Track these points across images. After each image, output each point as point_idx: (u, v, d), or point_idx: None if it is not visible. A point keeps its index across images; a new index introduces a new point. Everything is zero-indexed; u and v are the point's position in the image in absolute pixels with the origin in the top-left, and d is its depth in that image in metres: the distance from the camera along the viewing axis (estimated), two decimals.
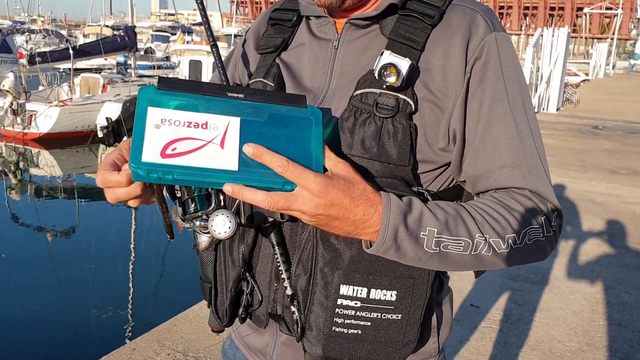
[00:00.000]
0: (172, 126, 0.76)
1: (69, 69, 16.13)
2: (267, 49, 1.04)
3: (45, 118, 13.60)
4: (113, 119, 0.99)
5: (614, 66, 40.38)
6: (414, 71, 0.87)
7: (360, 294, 0.87)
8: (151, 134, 0.75)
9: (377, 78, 0.85)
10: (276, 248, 0.90)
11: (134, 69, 18.33)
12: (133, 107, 0.79)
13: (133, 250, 7.71)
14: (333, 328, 0.88)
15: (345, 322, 0.88)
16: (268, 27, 1.07)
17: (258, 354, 1.04)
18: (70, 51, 15.90)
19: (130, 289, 6.43)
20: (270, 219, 0.88)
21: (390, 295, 0.87)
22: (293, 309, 0.90)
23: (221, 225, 0.79)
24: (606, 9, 60.16)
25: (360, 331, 0.88)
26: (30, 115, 13.73)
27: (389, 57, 0.85)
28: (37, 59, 15.07)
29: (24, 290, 6.28)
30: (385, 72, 0.85)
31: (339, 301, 0.87)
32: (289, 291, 0.90)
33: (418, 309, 0.89)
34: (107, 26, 25.33)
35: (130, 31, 17.85)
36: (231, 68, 1.13)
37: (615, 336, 3.24)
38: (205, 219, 0.84)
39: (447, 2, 0.92)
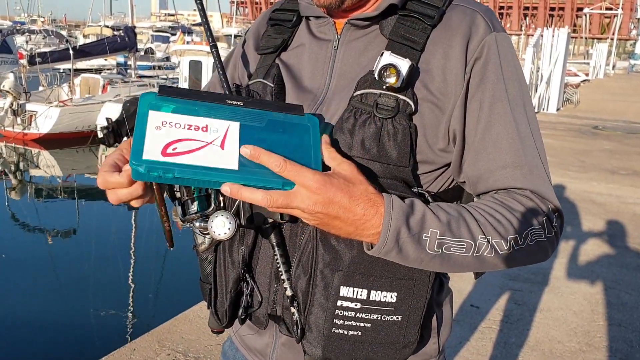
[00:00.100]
0: (173, 128, 0.76)
1: (69, 70, 16.12)
2: (267, 50, 1.04)
3: (46, 118, 13.60)
4: (113, 119, 0.99)
5: (614, 66, 40.39)
6: (413, 72, 0.87)
7: (361, 295, 0.87)
8: (152, 135, 0.75)
9: (377, 79, 0.85)
10: (276, 249, 0.90)
11: (134, 70, 18.33)
12: (133, 107, 0.79)
13: (133, 250, 7.71)
14: (333, 329, 0.88)
15: (345, 324, 0.88)
16: (268, 28, 1.07)
17: (258, 355, 1.04)
18: (71, 51, 15.89)
19: (131, 289, 6.42)
20: (270, 220, 0.88)
21: (391, 296, 0.87)
22: (293, 310, 0.90)
23: (221, 226, 0.79)
24: (606, 9, 60.14)
25: (360, 332, 0.88)
26: (31, 116, 13.72)
27: (388, 58, 0.85)
28: (37, 60, 15.06)
29: (25, 291, 6.27)
30: (385, 73, 0.84)
31: (339, 302, 0.87)
32: (288, 292, 0.90)
33: (418, 310, 0.89)
34: (107, 26, 25.35)
35: (130, 31, 17.85)
36: (231, 68, 1.13)
37: (616, 336, 3.24)
38: (205, 220, 0.84)
39: (447, 3, 0.92)
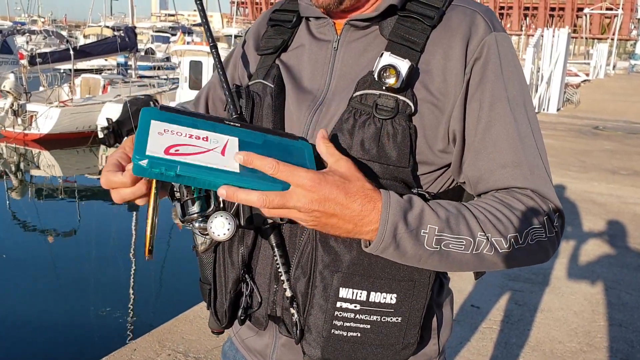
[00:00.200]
0: (175, 135, 0.77)
1: (70, 70, 16.12)
2: (267, 50, 1.04)
3: (46, 119, 13.60)
4: (113, 119, 0.99)
5: (614, 66, 40.41)
6: (413, 72, 0.87)
7: (360, 296, 0.86)
8: (155, 137, 0.76)
9: (377, 79, 0.85)
10: (276, 250, 0.90)
11: (134, 70, 18.34)
12: (134, 107, 0.80)
13: (134, 250, 7.71)
14: (332, 331, 0.88)
15: (344, 325, 0.87)
16: (268, 28, 1.07)
17: (258, 356, 1.04)
18: (71, 52, 15.88)
19: (131, 290, 6.42)
20: (270, 221, 0.88)
21: (390, 298, 0.87)
22: (292, 311, 0.90)
23: (220, 227, 0.79)
24: (606, 9, 60.11)
25: (359, 334, 0.88)
26: (31, 116, 13.72)
27: (388, 59, 0.85)
28: (38, 60, 15.06)
29: (25, 291, 6.27)
30: (384, 74, 0.84)
31: (338, 304, 0.86)
32: (288, 293, 0.90)
33: (418, 311, 0.89)
34: (108, 27, 25.37)
35: (131, 32, 17.85)
36: (231, 68, 1.13)
37: (616, 337, 3.24)
38: (204, 220, 0.84)
39: (447, 3, 0.92)
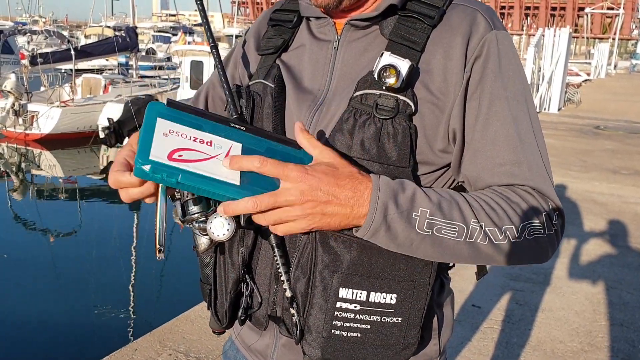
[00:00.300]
0: (179, 137, 0.77)
1: (71, 70, 16.13)
2: (268, 50, 1.04)
3: (47, 119, 13.62)
4: (114, 119, 0.99)
5: (615, 66, 40.41)
6: (413, 72, 0.87)
7: (360, 297, 0.86)
8: (159, 139, 0.76)
9: (377, 79, 0.85)
10: (276, 250, 0.90)
11: (135, 70, 18.34)
12: (135, 107, 0.80)
13: (135, 250, 7.71)
14: (332, 331, 0.87)
15: (344, 325, 0.87)
16: (268, 28, 1.07)
17: (258, 356, 1.04)
18: (72, 52, 15.89)
19: (132, 290, 6.43)
20: None
21: (390, 298, 0.87)
22: (292, 311, 0.90)
23: (220, 227, 0.79)
24: (608, 9, 60.02)
25: (359, 334, 0.88)
26: (32, 116, 13.74)
27: (388, 58, 0.85)
28: (39, 60, 15.09)
29: (26, 291, 6.28)
30: (384, 73, 0.84)
31: (338, 304, 0.86)
32: (288, 293, 0.90)
33: (418, 312, 0.88)
34: (109, 27, 25.40)
35: (132, 32, 17.87)
36: (231, 67, 1.13)
37: (617, 336, 3.24)
38: (204, 220, 0.84)
39: (447, 2, 0.92)
